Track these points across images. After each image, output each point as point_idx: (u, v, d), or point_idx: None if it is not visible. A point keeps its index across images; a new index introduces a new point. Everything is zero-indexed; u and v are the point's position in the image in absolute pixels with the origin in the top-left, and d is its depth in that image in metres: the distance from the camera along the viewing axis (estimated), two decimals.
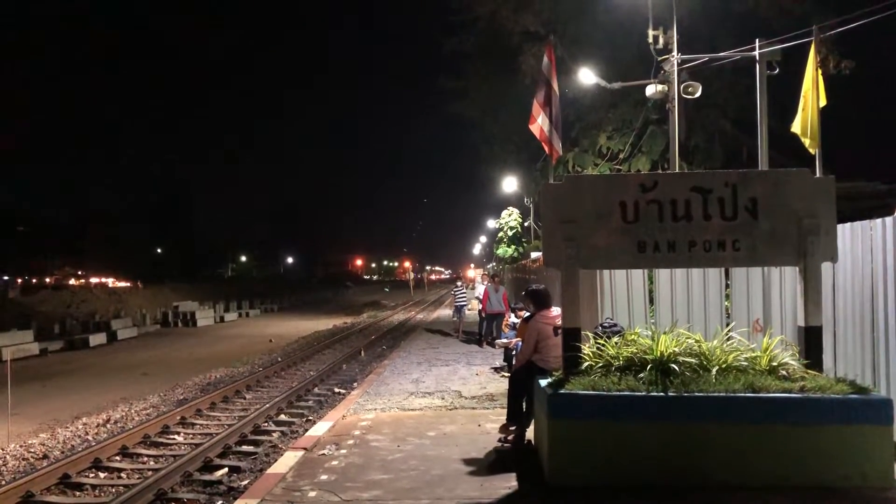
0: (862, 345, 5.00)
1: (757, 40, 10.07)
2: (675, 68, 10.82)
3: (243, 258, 75.42)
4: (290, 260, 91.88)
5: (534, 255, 17.49)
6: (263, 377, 12.35)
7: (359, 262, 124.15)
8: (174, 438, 7.97)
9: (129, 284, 46.04)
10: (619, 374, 4.43)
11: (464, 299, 16.58)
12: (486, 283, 15.54)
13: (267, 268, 74.12)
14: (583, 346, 4.76)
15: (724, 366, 4.45)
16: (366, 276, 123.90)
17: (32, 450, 7.81)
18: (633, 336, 4.89)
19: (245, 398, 10.58)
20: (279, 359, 15.36)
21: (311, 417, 8.83)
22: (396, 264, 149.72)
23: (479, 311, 14.97)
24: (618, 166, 15.71)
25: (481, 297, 14.69)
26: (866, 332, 4.94)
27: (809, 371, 4.42)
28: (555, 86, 10.19)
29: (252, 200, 76.37)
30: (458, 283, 17.32)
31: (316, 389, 11.14)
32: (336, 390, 10.85)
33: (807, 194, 4.67)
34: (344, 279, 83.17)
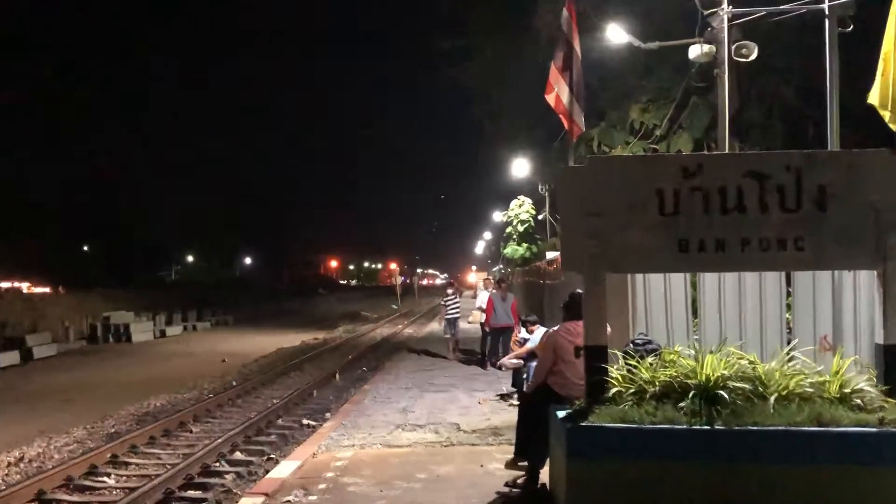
0: None
1: None
2: (726, 25, 10.81)
3: (190, 258, 75.25)
4: (248, 261, 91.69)
5: (550, 255, 17.46)
6: (215, 406, 12.32)
7: (334, 264, 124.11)
8: (104, 481, 7.94)
9: (48, 290, 45.88)
10: (654, 402, 4.43)
11: (456, 310, 16.38)
12: (490, 289, 15.52)
13: (220, 270, 73.96)
14: (610, 368, 4.75)
15: (784, 392, 4.45)
16: (342, 281, 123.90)
17: None
18: (672, 356, 4.89)
19: (192, 431, 10.55)
20: (234, 383, 15.32)
21: (273, 455, 8.81)
22: (380, 266, 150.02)
23: (482, 325, 14.96)
24: (653, 145, 15.73)
25: (484, 306, 14.68)
26: None
27: (890, 399, 4.42)
28: (576, 46, 10.21)
29: (205, 189, 76.16)
30: (450, 292, 16.72)
31: (280, 421, 11.10)
32: (305, 422, 10.83)
33: (888, 181, 4.67)
34: (315, 284, 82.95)
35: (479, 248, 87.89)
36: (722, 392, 4.36)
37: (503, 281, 15.56)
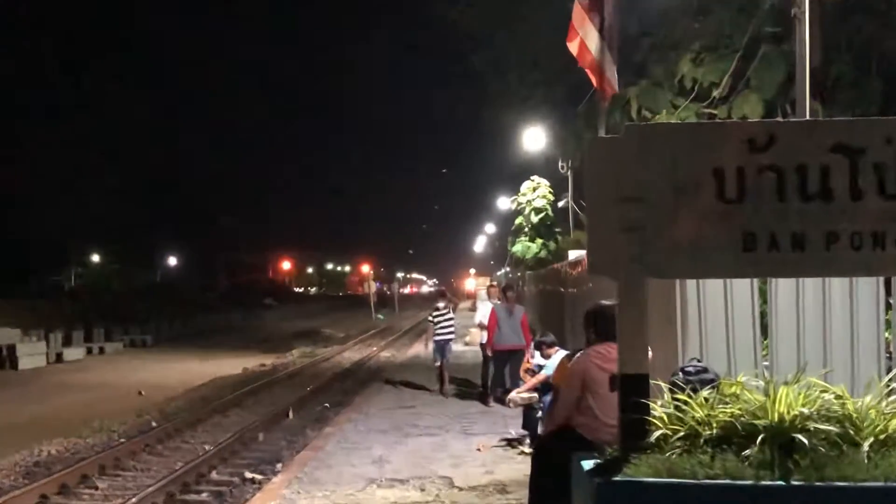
0: None
1: None
2: None
3: (96, 258, 74.83)
4: (172, 261, 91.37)
5: (573, 254, 17.45)
6: (128, 454, 12.28)
7: (287, 266, 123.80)
8: None
9: None
10: (711, 449, 4.42)
11: (449, 329, 16.07)
12: (494, 299, 15.51)
13: (136, 273, 73.64)
14: (652, 404, 4.75)
15: (882, 437, 4.45)
16: (297, 289, 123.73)
17: None
18: (734, 388, 4.88)
19: (97, 488, 10.49)
20: (154, 423, 15.29)
21: None
22: (348, 270, 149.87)
23: (483, 347, 14.94)
24: (710, 110, 15.74)
25: (486, 322, 14.66)
26: None
27: None
28: None
29: (117, 168, 75.31)
30: (440, 305, 16.19)
31: (214, 474, 11.08)
32: (248, 475, 10.80)
33: None
34: (262, 293, 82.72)
35: (480, 244, 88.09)
36: (800, 436, 4.35)
37: (510, 289, 15.43)
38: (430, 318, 16.32)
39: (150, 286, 70.75)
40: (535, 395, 9.16)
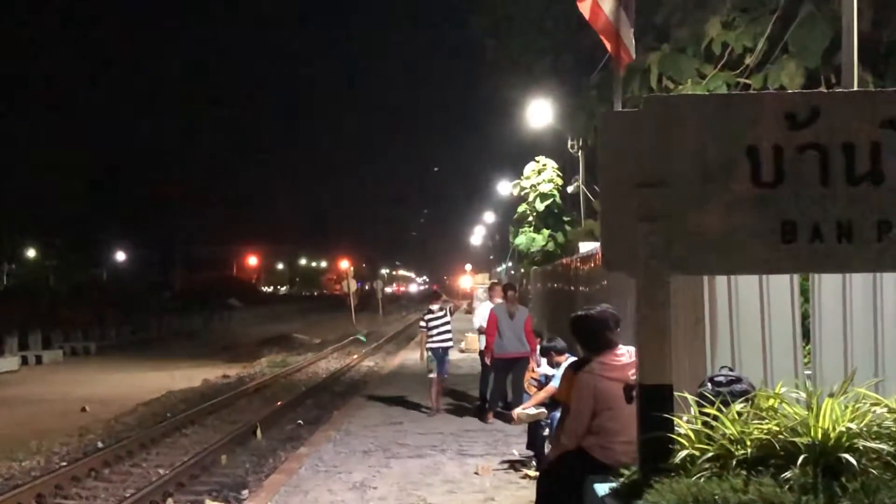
0: None
1: None
2: None
3: (31, 253, 74.59)
4: (120, 257, 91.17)
5: (585, 247, 17.47)
6: (69, 479, 12.24)
7: (253, 262, 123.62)
8: None
9: None
10: (745, 472, 4.42)
11: (445, 337, 15.71)
12: (496, 300, 15.46)
13: (78, 272, 73.38)
14: (677, 420, 4.75)
15: None
16: (265, 288, 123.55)
17: None
18: (771, 401, 4.89)
19: None
20: (101, 444, 15.24)
21: None
22: (325, 266, 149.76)
23: (481, 355, 14.93)
24: (744, 80, 15.73)
25: (484, 326, 14.64)
26: None
27: None
28: None
29: (56, 149, 74.94)
30: (434, 307, 15.86)
31: (170, 502, 11.04)
32: None
33: None
34: (224, 292, 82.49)
35: (477, 236, 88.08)
36: (847, 456, 4.35)
37: (512, 288, 15.37)
38: (423, 323, 15.73)
39: (95, 285, 70.44)
40: (544, 410, 9.16)
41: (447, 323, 15.70)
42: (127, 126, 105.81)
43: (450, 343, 15.88)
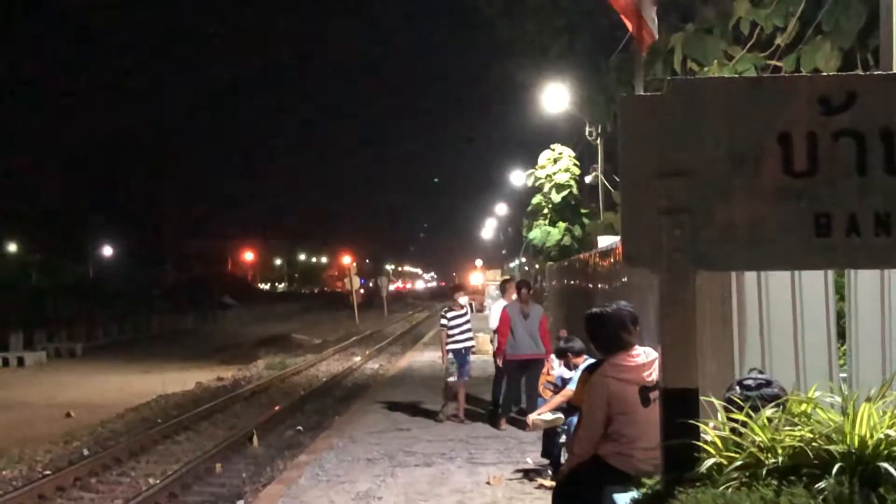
0: None
1: None
2: None
3: (12, 247, 74.79)
4: (108, 252, 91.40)
5: (605, 241, 17.45)
6: (54, 490, 12.28)
7: (249, 258, 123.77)
8: None
9: None
10: (776, 482, 4.41)
11: (468, 335, 15.35)
12: (510, 298, 15.43)
13: (63, 267, 73.54)
14: (703, 426, 4.74)
15: None
16: (262, 285, 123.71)
17: None
18: (804, 406, 4.88)
19: None
20: (87, 451, 15.30)
21: None
22: (325, 262, 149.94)
23: (494, 357, 14.92)
24: (775, 62, 15.68)
25: (496, 325, 14.62)
26: None
27: None
28: None
29: (38, 139, 75.32)
30: (459, 303, 15.50)
31: None
32: None
33: None
34: (218, 290, 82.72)
35: (488, 230, 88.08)
36: (886, 465, 4.34)
37: (526, 285, 15.31)
38: (445, 321, 15.30)
39: (81, 282, 70.66)
40: (560, 415, 9.15)
41: (469, 321, 15.44)
42: (116, 115, 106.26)
43: (472, 343, 15.68)
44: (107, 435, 17.33)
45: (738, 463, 4.57)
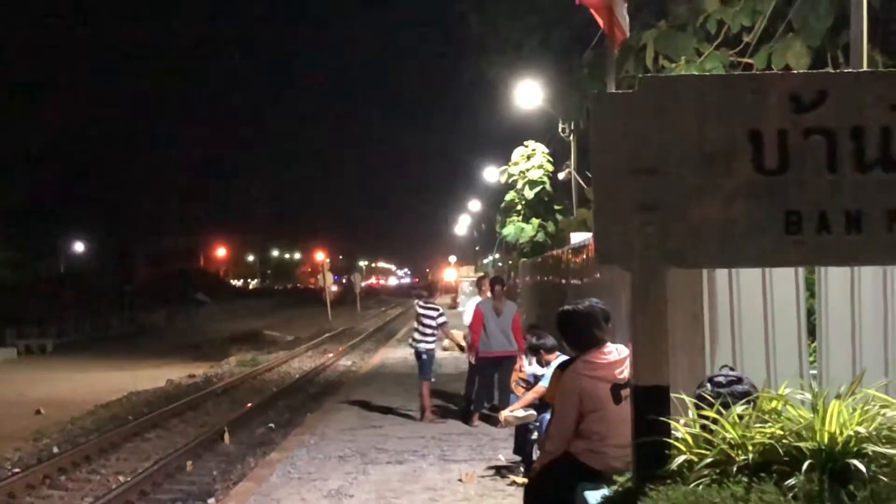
0: None
1: None
2: None
3: None
4: (79, 248, 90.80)
5: (578, 237, 17.46)
6: (24, 487, 12.23)
7: (221, 254, 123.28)
8: None
9: None
10: (746, 478, 4.42)
11: (437, 335, 15.50)
12: (482, 294, 15.44)
13: (32, 263, 73.03)
14: (674, 423, 4.74)
15: None
16: (234, 281, 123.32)
17: None
18: (774, 403, 4.89)
19: None
20: (57, 449, 15.26)
21: None
22: (298, 257, 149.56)
23: (467, 352, 14.92)
24: (744, 59, 15.74)
25: (469, 321, 14.61)
26: None
27: None
28: None
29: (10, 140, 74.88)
30: (423, 301, 15.69)
31: None
32: None
33: None
34: (190, 286, 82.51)
35: (462, 226, 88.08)
36: (856, 462, 4.36)
37: (499, 282, 15.29)
38: (419, 317, 15.27)
39: (52, 278, 70.16)
40: (532, 412, 9.16)
41: (440, 314, 15.31)
42: (85, 107, 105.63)
43: (436, 336, 15.53)
44: (77, 432, 17.29)
45: (709, 460, 4.57)
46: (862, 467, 4.35)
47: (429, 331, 15.01)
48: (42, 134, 79.38)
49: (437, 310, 15.30)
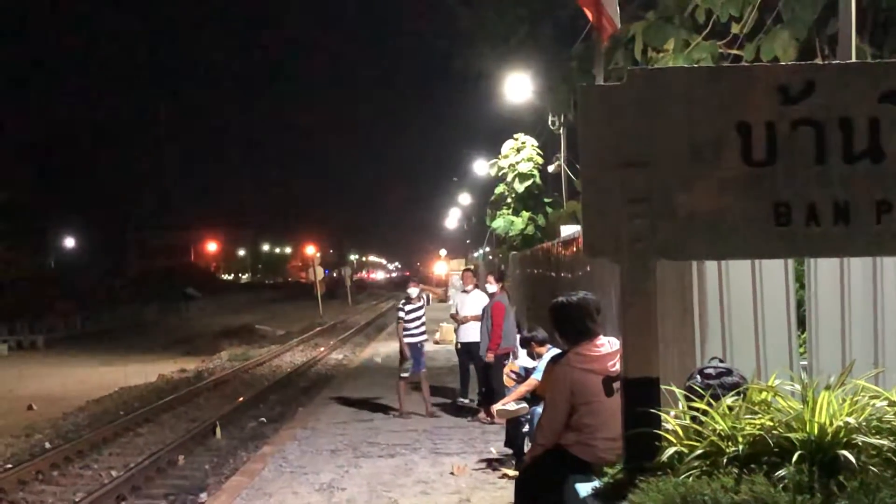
0: None
1: None
2: None
3: None
4: (70, 243, 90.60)
5: (568, 230, 17.46)
6: (15, 483, 12.21)
7: (212, 248, 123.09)
8: None
9: None
10: (736, 470, 4.42)
11: (423, 329, 15.10)
12: (469, 286, 15.45)
13: (22, 258, 72.75)
14: (664, 415, 4.74)
15: None
16: (225, 276, 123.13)
17: None
18: (764, 394, 4.90)
19: None
20: (48, 444, 15.22)
21: None
22: (289, 252, 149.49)
23: (456, 347, 14.90)
24: (732, 50, 15.74)
25: (464, 313, 14.69)
26: None
27: None
28: None
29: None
30: (413, 295, 15.27)
31: None
32: None
33: None
34: (181, 281, 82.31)
35: (453, 219, 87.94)
36: (845, 452, 4.36)
37: (504, 276, 15.19)
38: (402, 314, 14.97)
39: (43, 273, 69.95)
40: (524, 405, 9.14)
41: (420, 311, 15.18)
42: (76, 103, 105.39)
43: (426, 336, 15.52)
44: (69, 427, 17.25)
45: (699, 451, 4.58)
46: (851, 458, 4.35)
47: (412, 326, 14.86)
48: (30, 129, 79.19)
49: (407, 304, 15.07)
